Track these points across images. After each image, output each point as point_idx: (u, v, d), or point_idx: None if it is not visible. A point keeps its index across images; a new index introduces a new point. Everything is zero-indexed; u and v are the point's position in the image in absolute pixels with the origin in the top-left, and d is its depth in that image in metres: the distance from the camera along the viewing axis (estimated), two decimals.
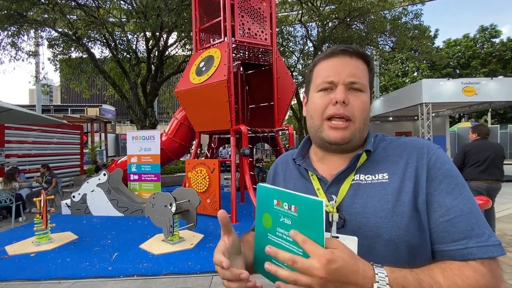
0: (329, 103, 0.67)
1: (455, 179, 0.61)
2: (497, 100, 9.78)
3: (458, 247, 0.56)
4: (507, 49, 21.91)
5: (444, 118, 13.59)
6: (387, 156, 0.67)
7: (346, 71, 0.66)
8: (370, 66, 0.70)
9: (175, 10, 8.39)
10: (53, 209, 5.96)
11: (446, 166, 0.62)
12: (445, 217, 0.58)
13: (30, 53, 10.30)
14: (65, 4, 8.76)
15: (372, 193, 0.63)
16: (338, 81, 0.66)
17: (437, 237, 0.59)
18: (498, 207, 5.72)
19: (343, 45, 0.69)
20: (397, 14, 11.89)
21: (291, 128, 5.93)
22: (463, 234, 0.57)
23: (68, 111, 24.92)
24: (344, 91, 0.65)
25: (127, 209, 5.81)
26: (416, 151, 0.65)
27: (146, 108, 10.68)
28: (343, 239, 0.63)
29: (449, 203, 0.59)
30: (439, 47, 23.62)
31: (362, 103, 0.66)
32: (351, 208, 0.64)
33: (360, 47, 0.72)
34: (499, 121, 22.32)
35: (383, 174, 0.65)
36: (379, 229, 0.60)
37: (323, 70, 0.69)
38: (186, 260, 3.55)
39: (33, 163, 8.05)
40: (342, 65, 0.67)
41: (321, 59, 0.71)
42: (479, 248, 0.55)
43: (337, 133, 0.66)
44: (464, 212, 0.58)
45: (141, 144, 6.55)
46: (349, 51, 0.67)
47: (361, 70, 0.68)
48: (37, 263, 3.54)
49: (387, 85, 25.25)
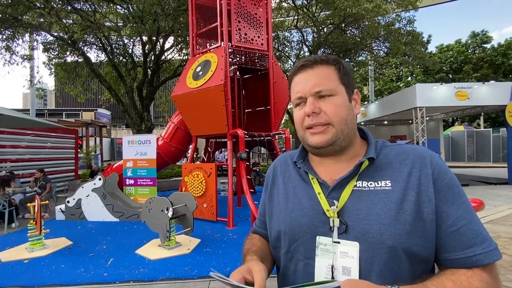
0: (305, 115, 0.70)
1: (457, 188, 0.65)
2: (489, 104, 9.96)
3: (467, 255, 0.60)
4: (498, 54, 22.38)
5: (437, 122, 13.79)
6: (389, 163, 0.68)
7: (309, 83, 0.69)
8: (338, 66, 0.71)
9: (172, 15, 8.42)
10: (47, 215, 5.91)
11: (449, 176, 0.65)
12: (453, 227, 0.62)
13: (24, 57, 10.22)
14: (61, 8, 8.74)
15: (375, 200, 0.64)
16: (305, 94, 0.70)
17: (448, 246, 0.62)
18: (492, 210, 5.80)
19: (303, 60, 0.73)
20: (391, 20, 12.10)
21: (287, 132, 5.96)
22: (471, 242, 0.61)
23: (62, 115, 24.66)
24: (312, 102, 0.69)
25: (122, 214, 5.75)
26: (419, 160, 0.66)
27: (142, 112, 10.64)
28: (345, 244, 0.64)
29: (455, 213, 0.62)
30: (432, 52, 24.02)
31: (335, 106, 0.68)
32: (354, 214, 0.65)
33: (321, 55, 0.75)
34: (492, 125, 22.70)
35: (386, 182, 0.66)
36: (382, 236, 0.61)
37: (294, 87, 0.74)
38: (183, 265, 3.52)
39: (26, 168, 7.95)
40: (305, 79, 0.71)
41: (291, 77, 0.76)
42: (485, 254, 0.60)
43: (318, 138, 0.69)
44: (468, 220, 0.62)
45: (137, 148, 6.52)
46: (308, 64, 0.71)
47: (325, 76, 0.70)
48: (30, 270, 3.47)
49: (382, 89, 25.54)
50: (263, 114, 6.30)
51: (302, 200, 0.72)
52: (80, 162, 12.65)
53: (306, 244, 0.68)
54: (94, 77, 10.99)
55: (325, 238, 0.66)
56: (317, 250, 0.67)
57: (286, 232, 0.71)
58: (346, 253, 0.63)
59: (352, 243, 0.63)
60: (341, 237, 0.64)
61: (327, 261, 0.65)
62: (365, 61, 14.26)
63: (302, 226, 0.69)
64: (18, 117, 6.65)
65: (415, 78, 25.05)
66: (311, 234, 0.68)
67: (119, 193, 6.33)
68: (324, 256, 0.66)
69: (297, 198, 0.73)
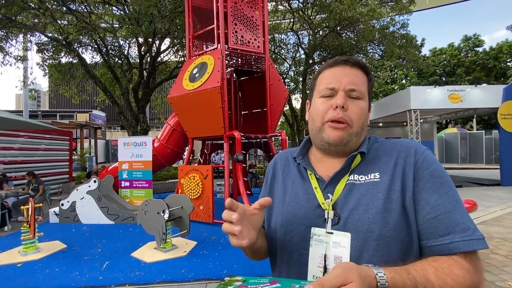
0: (329, 108, 0.71)
1: (441, 179, 0.65)
2: (481, 107, 10.14)
3: (444, 242, 0.60)
4: (490, 57, 22.82)
5: (431, 124, 13.98)
6: (378, 157, 0.71)
7: (346, 79, 0.71)
8: (369, 77, 0.75)
9: (168, 16, 8.42)
10: (40, 218, 5.82)
11: (434, 166, 0.66)
12: (431, 214, 0.62)
13: (18, 58, 10.10)
14: (56, 9, 8.67)
15: (364, 191, 0.67)
16: (338, 87, 0.71)
17: (425, 233, 0.63)
18: (485, 210, 5.89)
19: (345, 56, 0.75)
20: (385, 24, 12.28)
21: (284, 134, 5.99)
22: (449, 230, 0.60)
23: (56, 117, 24.34)
24: (344, 97, 0.70)
25: (118, 216, 5.70)
26: (405, 151, 0.70)
27: (138, 114, 10.58)
28: (337, 234, 0.67)
29: (435, 201, 0.63)
30: (426, 56, 24.38)
31: (360, 109, 0.71)
32: (346, 206, 0.68)
33: (361, 60, 0.78)
34: (484, 127, 23.07)
35: (375, 174, 0.69)
36: (371, 225, 0.63)
37: (326, 78, 0.74)
38: (179, 268, 3.50)
39: (19, 170, 7.83)
40: (343, 74, 0.72)
41: (324, 68, 0.76)
42: (464, 242, 0.59)
43: (336, 133, 0.70)
44: (448, 209, 0.62)
45: (133, 150, 6.47)
46: (350, 61, 0.73)
47: (360, 79, 0.73)
48: (24, 274, 3.42)
49: (376, 91, 25.80)
50: (259, 116, 6.32)
51: (299, 194, 0.75)
52: (75, 164, 12.50)
53: (300, 235, 0.71)
54: (89, 78, 10.91)
55: (319, 229, 0.69)
56: (311, 241, 0.70)
57: (282, 223, 0.74)
58: (338, 243, 0.66)
59: (344, 233, 0.66)
60: (334, 228, 0.67)
61: (320, 251, 0.68)
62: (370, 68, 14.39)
63: (297, 218, 0.72)
64: (11, 119, 6.58)
65: (409, 80, 25.39)
66: (305, 226, 0.71)
67: (114, 195, 6.27)
68: (317, 246, 0.69)
69: (294, 192, 0.76)
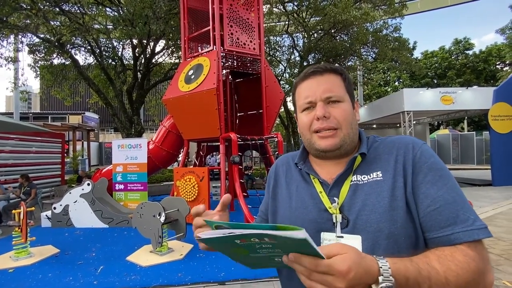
0: (313, 119, 0.73)
1: (440, 171, 0.66)
2: (472, 109, 10.34)
3: (445, 233, 0.61)
4: (480, 60, 23.35)
5: (424, 125, 14.20)
6: (379, 156, 0.72)
7: (321, 89, 0.73)
8: (343, 76, 0.76)
9: (163, 18, 8.38)
10: (32, 222, 5.69)
11: (432, 160, 0.67)
12: (432, 207, 0.63)
13: (9, 59, 9.90)
14: (48, 10, 8.54)
15: (369, 191, 0.67)
16: (315, 99, 0.73)
17: (426, 225, 0.63)
18: (478, 210, 5.99)
19: (312, 67, 0.76)
20: (379, 27, 12.46)
21: (279, 135, 6.00)
22: (449, 221, 0.61)
23: (48, 119, 23.89)
24: (323, 107, 0.72)
25: (112, 220, 5.61)
26: (403, 147, 0.71)
27: (132, 115, 10.47)
28: (348, 238, 0.66)
29: (434, 194, 0.63)
30: (418, 58, 24.79)
31: (343, 111, 0.72)
32: (352, 207, 0.68)
33: (329, 63, 0.79)
34: (475, 128, 23.54)
35: (377, 173, 0.69)
36: (379, 224, 0.64)
37: (302, 92, 0.76)
38: (176, 271, 3.46)
39: (10, 174, 7.66)
40: (316, 84, 0.74)
41: (298, 83, 0.78)
42: (465, 233, 0.59)
43: (327, 141, 0.72)
44: (448, 201, 0.62)
45: (127, 153, 6.39)
46: (319, 70, 0.75)
47: (334, 83, 0.74)
48: (16, 279, 3.34)
49: (370, 93, 26.12)
50: (255, 117, 6.33)
51: (305, 199, 0.75)
52: (67, 167, 12.29)
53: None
54: (82, 80, 10.76)
55: (329, 233, 0.68)
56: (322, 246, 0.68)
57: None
58: None
59: (355, 236, 0.65)
60: (344, 231, 0.67)
61: None
62: (354, 66, 14.59)
63: (306, 223, 0.71)
64: (1, 121, 6.43)
65: (402, 83, 25.77)
66: (315, 231, 0.70)
67: (108, 198, 6.18)
68: None
69: (300, 197, 0.76)
